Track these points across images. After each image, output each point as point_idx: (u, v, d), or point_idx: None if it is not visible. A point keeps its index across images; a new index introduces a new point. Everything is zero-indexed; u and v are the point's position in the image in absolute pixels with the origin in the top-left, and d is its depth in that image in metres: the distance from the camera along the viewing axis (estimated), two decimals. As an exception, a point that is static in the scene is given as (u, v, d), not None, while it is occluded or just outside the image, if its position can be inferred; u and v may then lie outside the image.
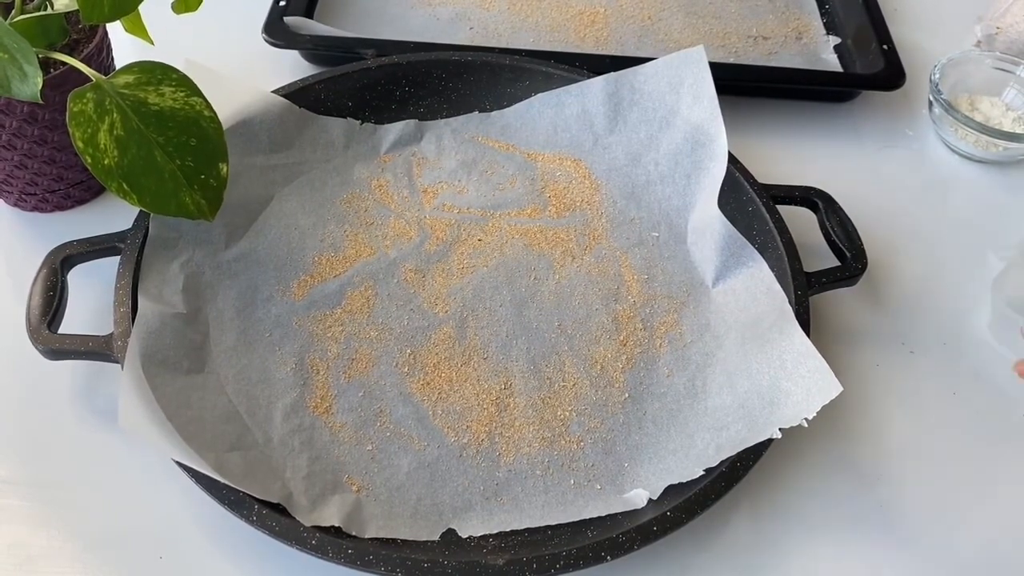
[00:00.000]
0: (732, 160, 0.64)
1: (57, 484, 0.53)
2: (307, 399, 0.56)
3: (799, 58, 0.81)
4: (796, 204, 0.65)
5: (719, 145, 0.64)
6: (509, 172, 0.69)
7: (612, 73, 0.69)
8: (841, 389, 0.51)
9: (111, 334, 0.54)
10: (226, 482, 0.48)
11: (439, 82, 0.71)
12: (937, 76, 0.75)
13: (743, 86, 0.77)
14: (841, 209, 0.64)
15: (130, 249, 0.58)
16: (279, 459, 0.53)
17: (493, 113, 0.72)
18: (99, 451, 0.54)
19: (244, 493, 0.48)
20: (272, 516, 0.48)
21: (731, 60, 0.80)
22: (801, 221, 0.65)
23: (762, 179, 0.65)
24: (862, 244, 0.62)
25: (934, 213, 0.72)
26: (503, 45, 0.79)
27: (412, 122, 0.71)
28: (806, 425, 0.51)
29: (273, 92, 0.67)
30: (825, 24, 0.85)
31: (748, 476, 0.51)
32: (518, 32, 0.82)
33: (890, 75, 0.76)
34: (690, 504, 0.49)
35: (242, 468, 0.51)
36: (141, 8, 0.58)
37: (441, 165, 0.69)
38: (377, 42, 0.75)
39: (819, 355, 0.53)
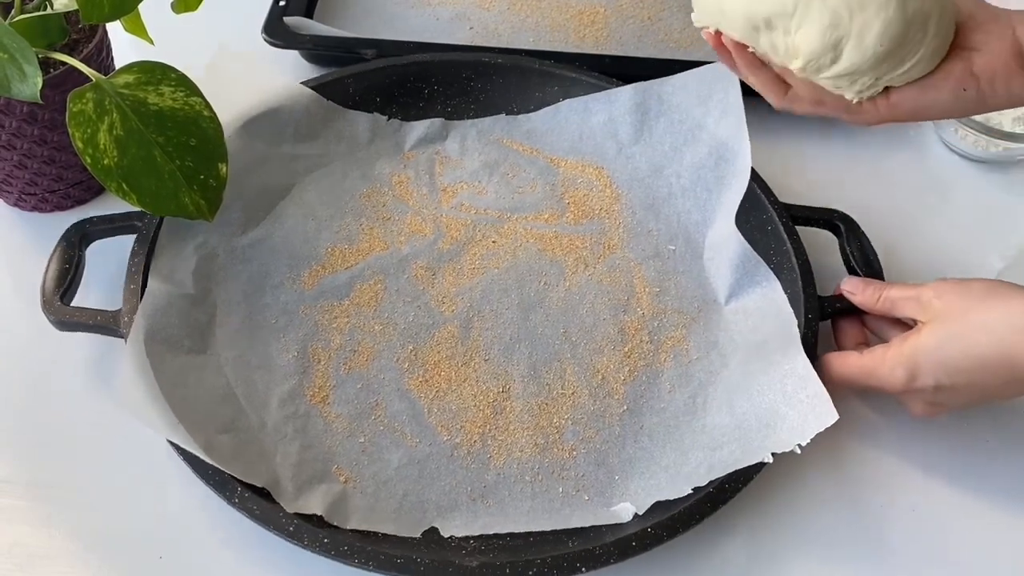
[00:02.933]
0: (754, 177, 0.63)
1: (57, 484, 0.54)
2: (305, 387, 0.56)
3: None
4: (818, 226, 0.64)
5: (742, 161, 0.63)
6: (530, 176, 0.69)
7: (641, 83, 0.69)
8: (837, 417, 0.50)
9: (119, 309, 0.55)
10: (213, 463, 0.49)
11: (467, 82, 0.71)
12: (937, 76, 0.74)
13: (742, 85, 0.75)
14: (864, 235, 0.62)
15: (147, 228, 0.59)
16: (270, 444, 0.53)
17: (520, 116, 0.72)
18: (99, 451, 0.55)
19: (230, 474, 0.49)
20: (254, 500, 0.48)
21: None
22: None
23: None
24: (881, 271, 0.60)
25: (934, 213, 0.71)
26: (503, 45, 0.79)
27: (438, 120, 0.71)
28: (799, 452, 0.50)
29: (303, 83, 0.68)
30: None
31: (746, 495, 0.51)
32: (518, 32, 0.82)
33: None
34: (672, 523, 0.49)
35: (232, 450, 0.52)
36: (141, 8, 0.58)
37: (463, 165, 0.70)
38: (377, 42, 0.75)
39: (819, 381, 0.52)
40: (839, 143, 0.75)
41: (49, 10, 0.58)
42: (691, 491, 0.51)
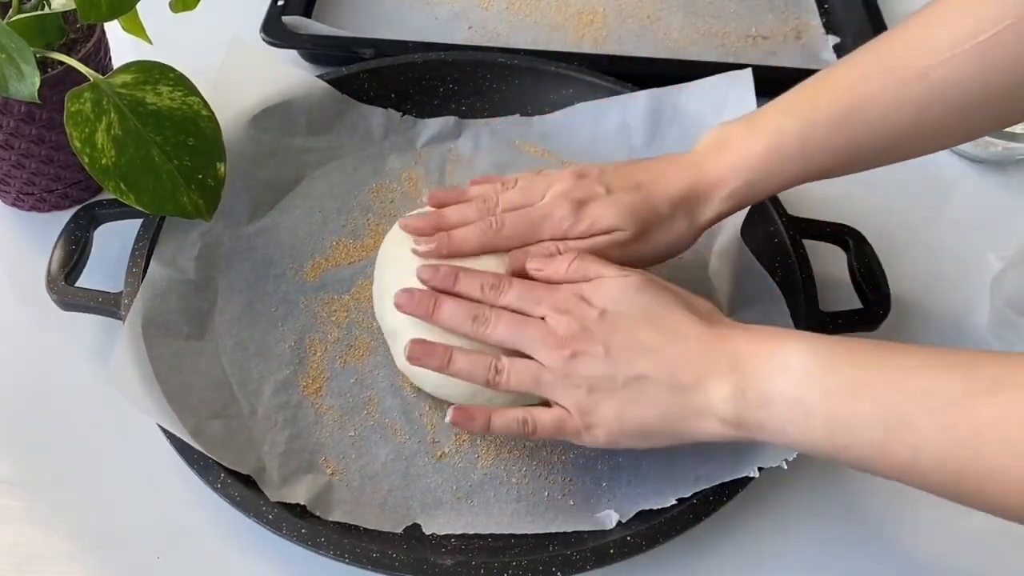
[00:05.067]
0: (765, 188, 0.62)
1: (57, 484, 0.54)
2: (299, 378, 0.57)
3: (798, 58, 0.81)
4: (826, 241, 0.63)
5: (753, 172, 0.62)
6: (540, 178, 0.69)
7: (656, 89, 0.68)
8: (825, 435, 0.49)
9: (121, 292, 0.56)
10: (200, 448, 0.49)
11: (483, 82, 0.71)
12: (937, 75, 0.74)
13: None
14: (872, 251, 0.61)
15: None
16: (260, 432, 0.54)
17: (534, 118, 0.72)
18: (99, 451, 0.55)
19: (215, 460, 0.49)
20: (236, 486, 0.49)
21: (730, 60, 0.79)
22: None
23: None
24: (888, 290, 0.59)
25: (933, 213, 0.72)
26: (502, 44, 0.79)
27: (452, 119, 0.71)
28: (785, 467, 0.49)
29: (318, 77, 0.68)
30: (824, 23, 0.85)
31: (735, 507, 0.50)
32: (517, 31, 0.82)
33: (890, 75, 0.74)
34: (652, 532, 0.48)
35: (220, 436, 0.52)
36: (139, 7, 0.58)
37: (474, 164, 0.70)
38: (375, 41, 0.75)
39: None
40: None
41: (47, 10, 0.58)
42: (675, 502, 0.50)
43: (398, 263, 0.55)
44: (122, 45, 0.66)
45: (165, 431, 0.50)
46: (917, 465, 0.39)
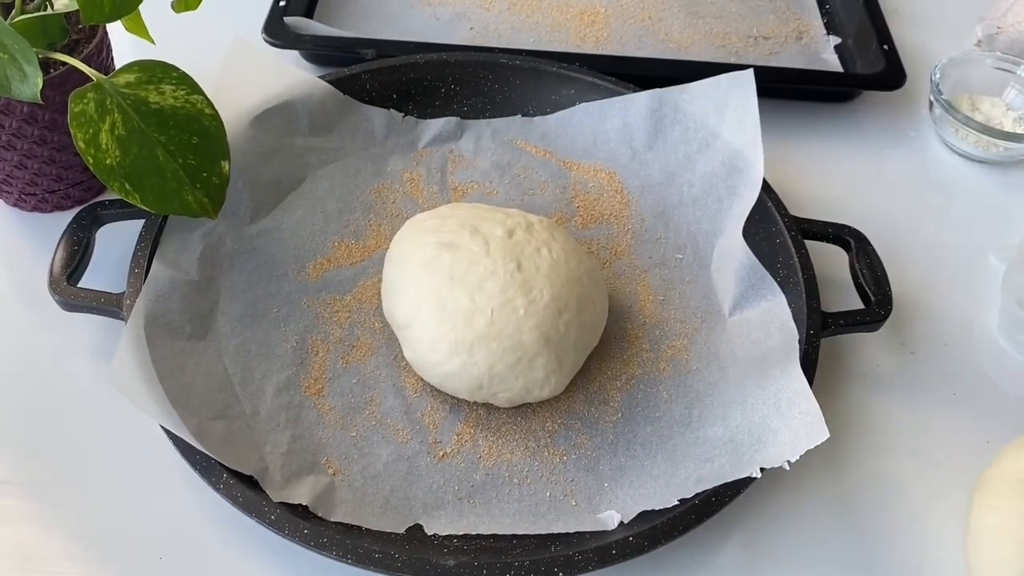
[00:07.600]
0: (766, 189, 0.63)
1: (57, 484, 0.53)
2: (301, 378, 0.57)
3: (800, 58, 0.82)
4: (828, 241, 0.63)
5: (755, 173, 0.62)
6: (542, 178, 0.69)
7: (657, 89, 0.68)
8: (828, 436, 0.49)
9: (123, 292, 0.56)
10: (203, 449, 0.49)
11: (485, 83, 0.71)
12: (938, 76, 0.75)
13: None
14: (874, 252, 0.61)
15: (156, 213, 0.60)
16: (262, 433, 0.54)
17: (535, 118, 0.72)
18: (100, 451, 0.55)
19: (217, 460, 0.49)
20: (238, 487, 0.49)
21: (731, 60, 0.80)
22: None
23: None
24: (890, 291, 0.59)
25: (934, 213, 0.72)
26: (503, 45, 0.79)
27: (453, 119, 0.71)
28: (787, 468, 0.50)
29: (320, 77, 0.68)
30: (825, 24, 0.85)
31: (739, 507, 0.50)
32: (518, 32, 0.82)
33: (891, 75, 0.76)
34: (654, 533, 0.48)
35: (223, 437, 0.52)
36: (141, 7, 0.58)
37: (476, 165, 0.70)
38: (377, 42, 0.75)
39: (813, 398, 0.51)
40: (839, 142, 0.76)
41: (50, 10, 0.58)
42: (677, 502, 0.50)
43: (406, 261, 0.56)
44: (124, 45, 0.67)
45: (167, 431, 0.50)
46: None
